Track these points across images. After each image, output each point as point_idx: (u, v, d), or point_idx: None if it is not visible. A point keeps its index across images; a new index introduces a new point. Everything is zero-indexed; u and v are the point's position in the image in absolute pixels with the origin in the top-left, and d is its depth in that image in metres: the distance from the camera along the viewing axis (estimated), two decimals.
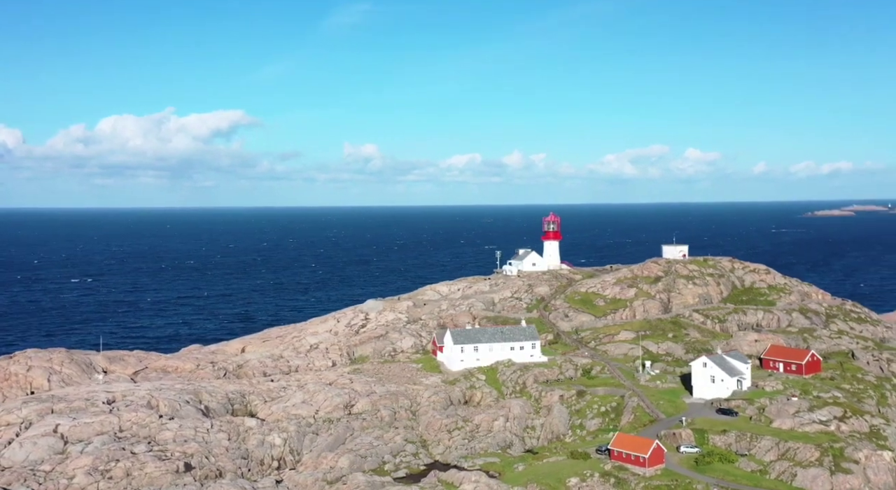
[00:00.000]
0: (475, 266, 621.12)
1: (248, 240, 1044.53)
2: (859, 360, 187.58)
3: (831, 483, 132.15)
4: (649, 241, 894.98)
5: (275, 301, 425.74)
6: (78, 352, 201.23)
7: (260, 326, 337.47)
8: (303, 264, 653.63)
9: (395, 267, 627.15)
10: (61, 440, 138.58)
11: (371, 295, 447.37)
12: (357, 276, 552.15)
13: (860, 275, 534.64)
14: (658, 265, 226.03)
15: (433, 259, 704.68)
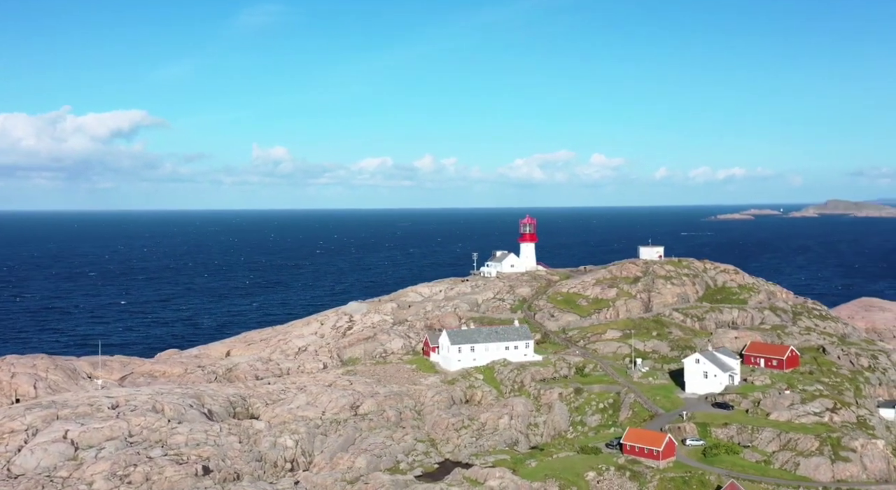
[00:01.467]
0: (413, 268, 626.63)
1: (163, 244, 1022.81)
2: (830, 355, 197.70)
3: (832, 471, 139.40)
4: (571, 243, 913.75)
5: (217, 306, 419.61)
6: (60, 358, 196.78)
7: (209, 332, 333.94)
8: (232, 269, 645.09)
9: (329, 270, 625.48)
10: (72, 446, 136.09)
11: (316, 299, 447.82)
12: (292, 280, 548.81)
13: (780, 276, 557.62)
14: (636, 266, 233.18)
15: (365, 262, 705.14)
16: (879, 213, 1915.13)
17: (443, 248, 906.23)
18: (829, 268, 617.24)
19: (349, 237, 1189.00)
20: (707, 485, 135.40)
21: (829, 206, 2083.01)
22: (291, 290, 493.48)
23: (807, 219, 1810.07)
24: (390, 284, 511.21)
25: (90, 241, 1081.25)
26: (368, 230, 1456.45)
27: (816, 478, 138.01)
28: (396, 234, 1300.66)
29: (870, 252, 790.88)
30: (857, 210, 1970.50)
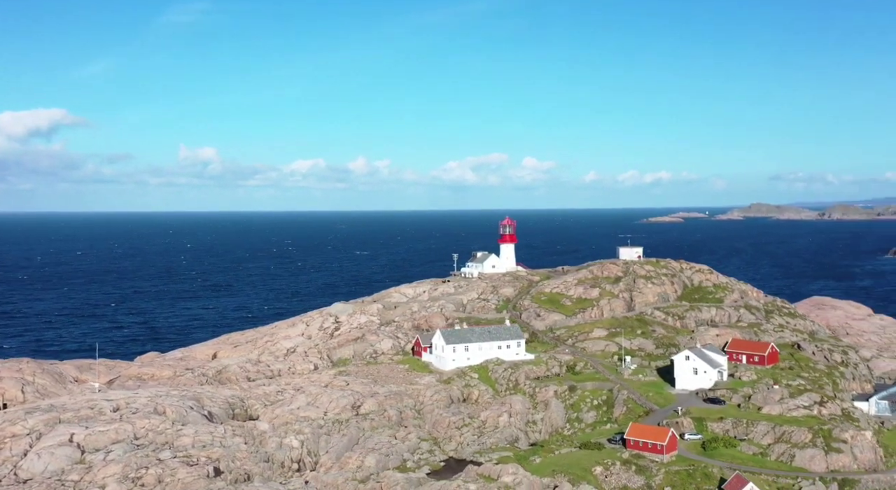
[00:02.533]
0: (365, 270, 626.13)
1: (97, 247, 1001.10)
2: (805, 351, 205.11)
3: (826, 462, 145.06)
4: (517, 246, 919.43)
5: (172, 310, 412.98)
6: (45, 362, 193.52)
7: (169, 335, 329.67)
8: (177, 271, 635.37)
9: (276, 273, 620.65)
10: (78, 449, 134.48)
11: (274, 302, 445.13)
12: (241, 283, 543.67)
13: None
14: (616, 266, 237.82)
15: (313, 264, 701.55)
16: (799, 215, 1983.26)
17: (388, 249, 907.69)
18: (765, 269, 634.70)
19: (288, 239, 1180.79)
20: (711, 477, 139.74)
21: (752, 209, 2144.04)
22: (244, 293, 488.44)
23: (733, 221, 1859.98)
24: (347, 286, 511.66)
25: (13, 244, 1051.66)
26: (306, 232, 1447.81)
27: (812, 468, 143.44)
28: (337, 236, 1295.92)
29: (799, 253, 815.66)
30: (779, 213, 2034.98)
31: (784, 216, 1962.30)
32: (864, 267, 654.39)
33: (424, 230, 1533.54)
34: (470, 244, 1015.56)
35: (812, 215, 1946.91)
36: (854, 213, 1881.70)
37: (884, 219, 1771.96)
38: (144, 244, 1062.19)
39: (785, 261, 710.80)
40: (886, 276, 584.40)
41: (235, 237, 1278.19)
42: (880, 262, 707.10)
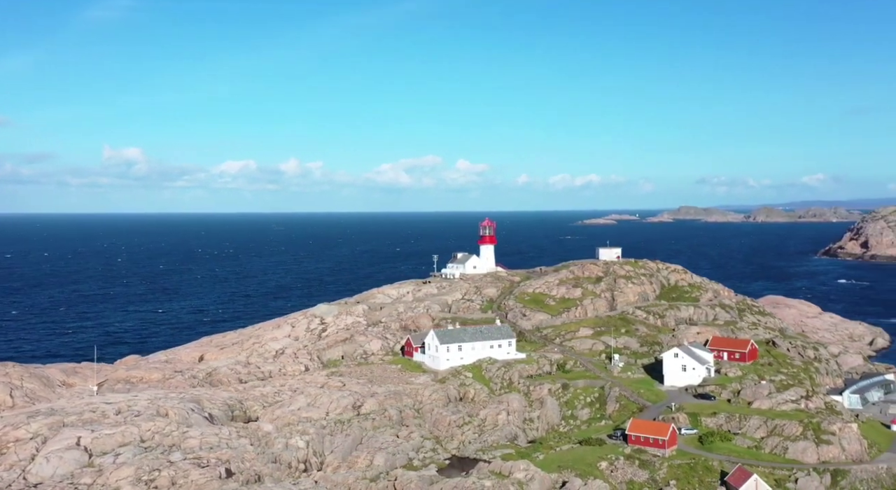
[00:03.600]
0: (315, 273, 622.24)
1: (26, 249, 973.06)
2: (780, 348, 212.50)
3: (817, 453, 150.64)
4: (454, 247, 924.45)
5: (126, 313, 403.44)
6: (31, 366, 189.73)
7: (129, 341, 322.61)
8: (118, 275, 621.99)
9: (223, 276, 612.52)
10: (86, 453, 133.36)
11: (230, 303, 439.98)
12: (189, 286, 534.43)
13: None
14: (597, 266, 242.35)
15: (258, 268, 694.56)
16: (725, 218, 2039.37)
17: (332, 251, 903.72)
18: (704, 271, 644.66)
19: (224, 241, 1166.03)
20: (712, 470, 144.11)
21: (681, 211, 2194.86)
22: (196, 295, 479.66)
23: (664, 224, 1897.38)
24: (299, 289, 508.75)
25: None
26: (242, 234, 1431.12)
27: (804, 460, 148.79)
28: (276, 237, 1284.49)
29: (733, 255, 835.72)
30: (707, 215, 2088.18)
31: (711, 218, 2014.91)
32: (798, 268, 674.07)
33: (362, 232, 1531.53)
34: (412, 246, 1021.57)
35: (738, 218, 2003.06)
36: (777, 216, 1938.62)
37: (804, 221, 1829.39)
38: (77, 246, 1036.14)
39: (721, 262, 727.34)
40: (819, 276, 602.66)
41: (170, 239, 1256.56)
42: (811, 263, 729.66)
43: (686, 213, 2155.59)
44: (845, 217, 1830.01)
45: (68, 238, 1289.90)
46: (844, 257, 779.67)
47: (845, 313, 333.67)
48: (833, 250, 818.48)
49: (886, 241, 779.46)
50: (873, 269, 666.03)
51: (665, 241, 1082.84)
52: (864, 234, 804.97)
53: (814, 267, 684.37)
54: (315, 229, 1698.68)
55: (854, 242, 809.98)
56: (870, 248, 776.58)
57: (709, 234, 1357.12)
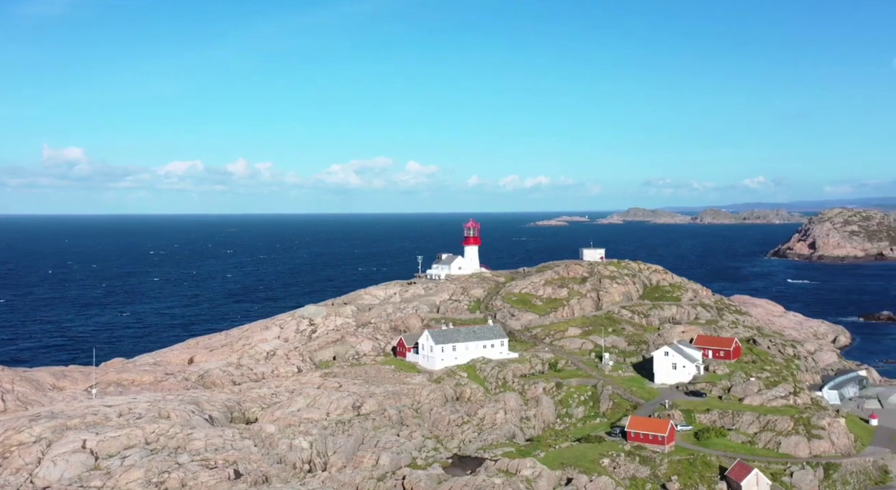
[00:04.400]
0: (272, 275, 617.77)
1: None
2: (761, 346, 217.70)
3: (809, 447, 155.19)
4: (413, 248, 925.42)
5: (87, 318, 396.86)
6: (20, 369, 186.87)
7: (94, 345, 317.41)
8: (70, 277, 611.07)
9: (181, 278, 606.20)
10: (92, 456, 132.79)
11: (196, 305, 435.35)
12: (147, 289, 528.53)
13: None
14: (581, 266, 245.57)
15: (214, 270, 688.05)
16: (673, 219, 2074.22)
17: (290, 254, 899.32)
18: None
19: (177, 243, 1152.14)
20: (710, 465, 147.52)
21: (630, 213, 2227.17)
22: (159, 299, 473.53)
23: (614, 225, 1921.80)
24: (263, 291, 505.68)
25: None
26: (194, 236, 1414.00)
27: (797, 454, 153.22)
28: (230, 240, 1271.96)
29: (686, 256, 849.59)
30: (655, 217, 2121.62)
31: (660, 220, 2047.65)
32: (751, 268, 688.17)
33: (315, 234, 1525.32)
34: (368, 247, 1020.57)
35: (685, 219, 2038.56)
36: (723, 218, 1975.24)
37: (749, 223, 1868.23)
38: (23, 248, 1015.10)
39: (676, 263, 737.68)
40: (772, 277, 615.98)
41: (120, 241, 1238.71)
42: (763, 264, 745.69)
43: (635, 214, 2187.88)
44: (787, 219, 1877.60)
45: (9, 241, 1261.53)
46: (793, 258, 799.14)
47: (803, 313, 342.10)
48: (782, 251, 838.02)
49: (832, 243, 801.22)
50: (821, 269, 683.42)
51: (618, 243, 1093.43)
52: (812, 236, 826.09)
53: (766, 267, 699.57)
54: (267, 231, 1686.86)
55: (802, 244, 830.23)
56: (817, 249, 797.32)
57: (659, 235, 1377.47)
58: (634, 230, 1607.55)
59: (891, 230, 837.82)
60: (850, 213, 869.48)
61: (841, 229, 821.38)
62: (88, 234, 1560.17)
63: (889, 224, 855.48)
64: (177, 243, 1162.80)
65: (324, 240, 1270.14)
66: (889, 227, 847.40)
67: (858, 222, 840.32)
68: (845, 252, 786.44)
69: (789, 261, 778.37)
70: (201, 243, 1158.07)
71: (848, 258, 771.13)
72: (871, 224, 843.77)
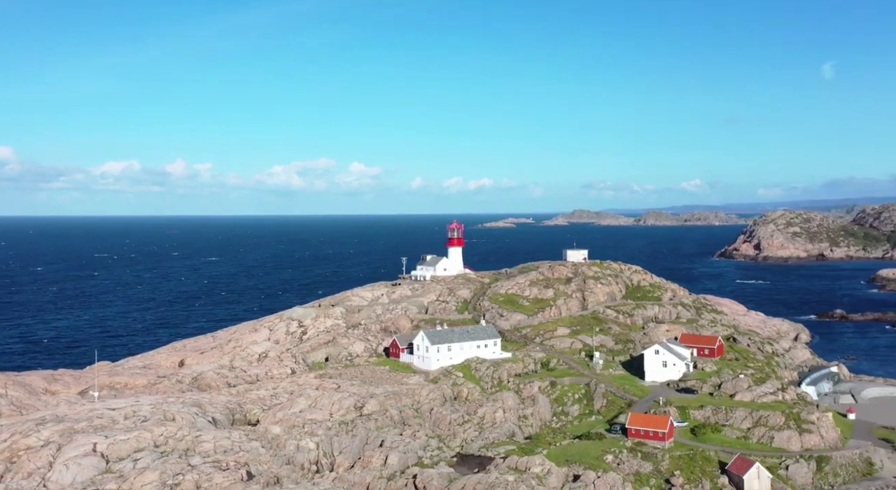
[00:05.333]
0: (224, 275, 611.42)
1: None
2: (741, 343, 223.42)
3: (801, 441, 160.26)
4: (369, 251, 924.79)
5: (44, 323, 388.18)
6: (11, 373, 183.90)
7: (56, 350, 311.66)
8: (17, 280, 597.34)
9: (136, 281, 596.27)
10: (103, 459, 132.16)
11: (156, 309, 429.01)
12: (98, 291, 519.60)
13: None
14: (565, 267, 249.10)
15: (169, 270, 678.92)
16: (617, 221, 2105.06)
17: (238, 256, 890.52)
18: None
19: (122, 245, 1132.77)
20: (710, 460, 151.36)
21: (575, 215, 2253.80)
22: (113, 303, 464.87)
23: (560, 227, 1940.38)
24: (224, 294, 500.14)
25: None
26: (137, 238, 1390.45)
27: (790, 448, 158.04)
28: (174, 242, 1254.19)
29: (635, 256, 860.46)
30: (599, 219, 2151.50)
31: (604, 222, 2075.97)
32: (702, 269, 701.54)
33: (264, 236, 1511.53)
34: (320, 249, 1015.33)
35: (628, 221, 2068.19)
36: (665, 220, 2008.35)
37: (690, 224, 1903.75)
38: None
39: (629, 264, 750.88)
40: (723, 277, 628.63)
41: (59, 243, 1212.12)
42: (711, 264, 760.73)
43: (579, 216, 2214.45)
44: (725, 221, 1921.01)
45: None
46: (740, 258, 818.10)
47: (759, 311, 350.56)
48: (729, 252, 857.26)
49: (777, 244, 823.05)
50: (768, 269, 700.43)
51: (566, 244, 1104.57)
52: (757, 237, 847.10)
53: (715, 268, 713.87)
54: (211, 233, 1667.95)
55: (748, 245, 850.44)
56: (762, 249, 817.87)
57: (605, 236, 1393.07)
58: (580, 232, 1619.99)
59: (830, 232, 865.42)
60: (792, 214, 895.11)
61: (784, 231, 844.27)
62: (24, 236, 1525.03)
63: (828, 226, 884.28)
64: (122, 245, 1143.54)
65: (272, 242, 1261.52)
66: (828, 228, 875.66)
67: (800, 224, 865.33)
68: (789, 253, 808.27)
69: (736, 261, 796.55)
70: (146, 245, 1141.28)
71: (791, 259, 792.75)
72: (812, 226, 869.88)
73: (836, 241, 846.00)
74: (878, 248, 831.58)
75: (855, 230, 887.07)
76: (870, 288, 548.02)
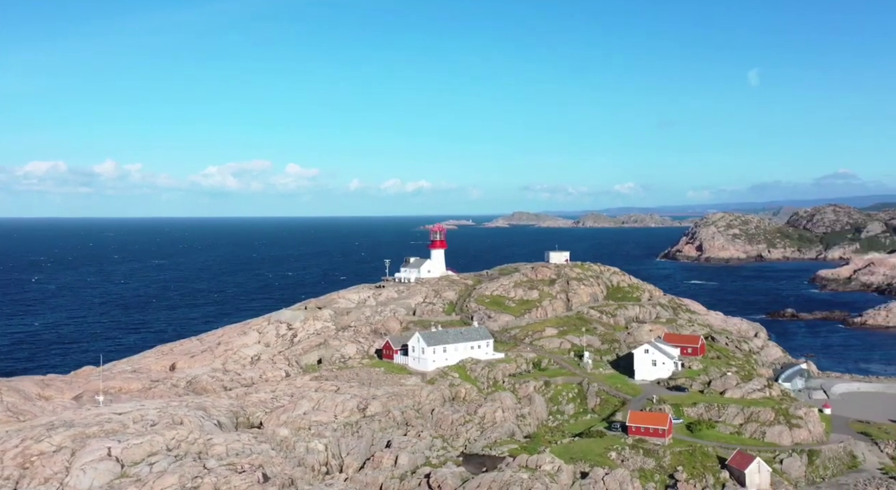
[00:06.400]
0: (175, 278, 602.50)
1: None
2: (719, 342, 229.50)
3: (791, 436, 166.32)
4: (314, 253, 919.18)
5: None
6: (3, 379, 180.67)
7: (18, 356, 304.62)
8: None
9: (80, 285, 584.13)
10: (118, 463, 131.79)
11: (111, 312, 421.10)
12: (46, 295, 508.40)
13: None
14: (549, 269, 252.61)
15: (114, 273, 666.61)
16: (556, 223, 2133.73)
17: (189, 258, 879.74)
18: None
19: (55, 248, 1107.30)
20: (708, 455, 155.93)
21: (515, 217, 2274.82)
22: (64, 308, 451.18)
23: (501, 228, 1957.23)
24: (179, 297, 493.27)
25: None
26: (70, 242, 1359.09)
27: (781, 442, 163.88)
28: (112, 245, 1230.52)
29: (582, 257, 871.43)
30: (539, 221, 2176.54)
31: (544, 224, 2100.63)
32: (649, 270, 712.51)
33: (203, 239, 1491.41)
34: (267, 251, 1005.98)
35: (567, 223, 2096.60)
36: (603, 221, 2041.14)
37: (628, 226, 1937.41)
38: None
39: None
40: (672, 278, 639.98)
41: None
42: (657, 265, 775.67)
43: (519, 218, 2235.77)
44: (661, 223, 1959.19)
45: None
46: (683, 260, 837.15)
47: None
48: (672, 253, 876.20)
49: (718, 245, 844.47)
50: (710, 270, 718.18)
51: (512, 246, 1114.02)
52: (699, 239, 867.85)
53: (661, 269, 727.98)
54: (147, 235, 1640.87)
55: (690, 246, 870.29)
56: (704, 251, 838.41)
57: (547, 238, 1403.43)
58: (521, 233, 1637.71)
59: (767, 233, 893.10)
60: (731, 217, 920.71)
61: (724, 233, 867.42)
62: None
63: (765, 228, 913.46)
64: (54, 248, 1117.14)
65: (214, 244, 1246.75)
66: (765, 230, 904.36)
67: (739, 226, 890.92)
68: (729, 254, 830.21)
69: (680, 262, 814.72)
70: (82, 248, 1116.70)
71: (732, 260, 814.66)
72: (750, 228, 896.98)
73: (773, 243, 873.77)
74: (812, 249, 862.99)
75: (790, 232, 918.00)
76: (811, 288, 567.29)
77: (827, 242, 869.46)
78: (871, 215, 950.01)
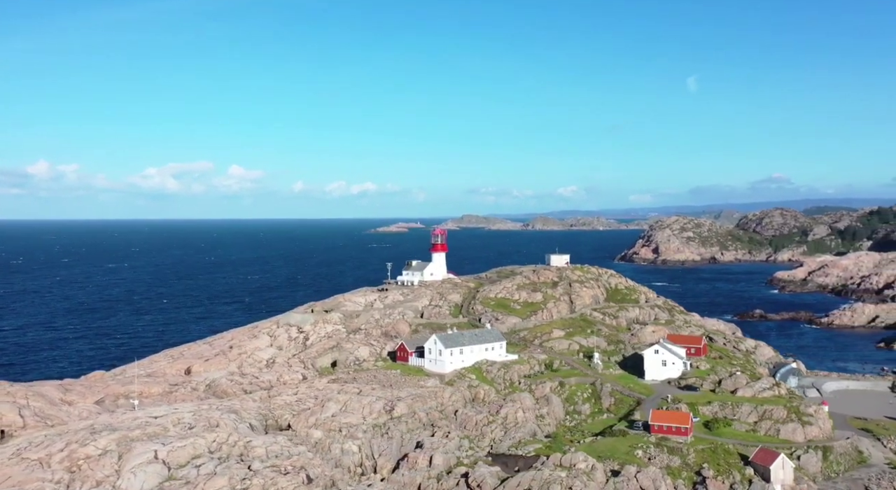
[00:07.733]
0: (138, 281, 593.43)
1: None
2: (717, 343, 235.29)
3: (804, 433, 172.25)
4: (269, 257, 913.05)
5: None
6: (25, 384, 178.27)
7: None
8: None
9: (37, 289, 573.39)
10: (165, 466, 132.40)
11: (79, 315, 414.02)
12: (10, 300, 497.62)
13: None
14: (550, 271, 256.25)
15: (72, 276, 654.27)
16: (506, 225, 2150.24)
17: (143, 260, 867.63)
18: None
19: (1, 252, 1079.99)
20: (730, 452, 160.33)
21: (464, 220, 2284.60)
22: (24, 313, 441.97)
23: (451, 231, 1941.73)
24: (148, 300, 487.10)
25: None
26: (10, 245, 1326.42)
27: (795, 440, 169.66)
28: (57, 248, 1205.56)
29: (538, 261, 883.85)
30: (488, 223, 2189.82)
31: (494, 226, 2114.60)
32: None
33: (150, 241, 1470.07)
34: (224, 255, 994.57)
35: (517, 226, 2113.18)
36: (552, 224, 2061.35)
37: (577, 229, 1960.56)
38: None
39: None
40: (635, 281, 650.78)
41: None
42: (614, 267, 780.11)
43: (469, 221, 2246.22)
44: (608, 225, 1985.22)
45: None
46: (640, 262, 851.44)
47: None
48: (629, 255, 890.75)
49: (673, 248, 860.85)
50: (668, 272, 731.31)
51: (467, 249, 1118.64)
52: (655, 241, 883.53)
53: (621, 271, 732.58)
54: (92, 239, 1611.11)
55: (647, 248, 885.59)
56: (660, 253, 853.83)
57: (499, 241, 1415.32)
58: (473, 236, 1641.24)
59: (719, 236, 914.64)
60: (685, 220, 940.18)
61: (679, 235, 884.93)
62: None
63: (717, 231, 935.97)
64: (1, 251, 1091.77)
65: (160, 248, 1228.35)
66: (717, 233, 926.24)
67: (693, 229, 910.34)
68: (685, 256, 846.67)
69: (637, 265, 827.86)
70: (27, 252, 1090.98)
71: (688, 262, 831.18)
72: (703, 231, 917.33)
73: (726, 246, 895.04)
74: (763, 251, 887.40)
75: (741, 235, 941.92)
76: (770, 289, 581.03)
77: (776, 245, 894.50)
78: (815, 219, 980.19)
